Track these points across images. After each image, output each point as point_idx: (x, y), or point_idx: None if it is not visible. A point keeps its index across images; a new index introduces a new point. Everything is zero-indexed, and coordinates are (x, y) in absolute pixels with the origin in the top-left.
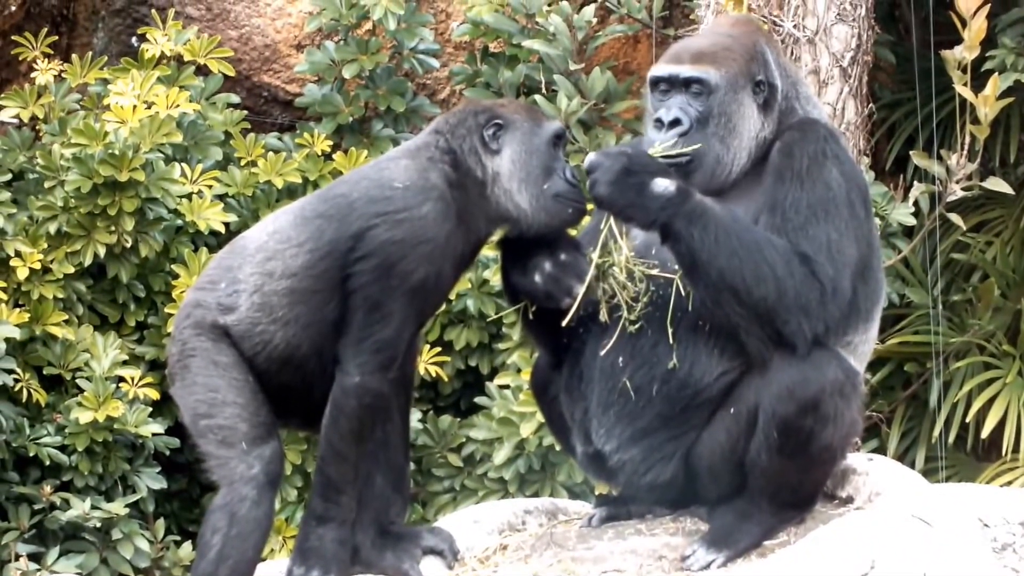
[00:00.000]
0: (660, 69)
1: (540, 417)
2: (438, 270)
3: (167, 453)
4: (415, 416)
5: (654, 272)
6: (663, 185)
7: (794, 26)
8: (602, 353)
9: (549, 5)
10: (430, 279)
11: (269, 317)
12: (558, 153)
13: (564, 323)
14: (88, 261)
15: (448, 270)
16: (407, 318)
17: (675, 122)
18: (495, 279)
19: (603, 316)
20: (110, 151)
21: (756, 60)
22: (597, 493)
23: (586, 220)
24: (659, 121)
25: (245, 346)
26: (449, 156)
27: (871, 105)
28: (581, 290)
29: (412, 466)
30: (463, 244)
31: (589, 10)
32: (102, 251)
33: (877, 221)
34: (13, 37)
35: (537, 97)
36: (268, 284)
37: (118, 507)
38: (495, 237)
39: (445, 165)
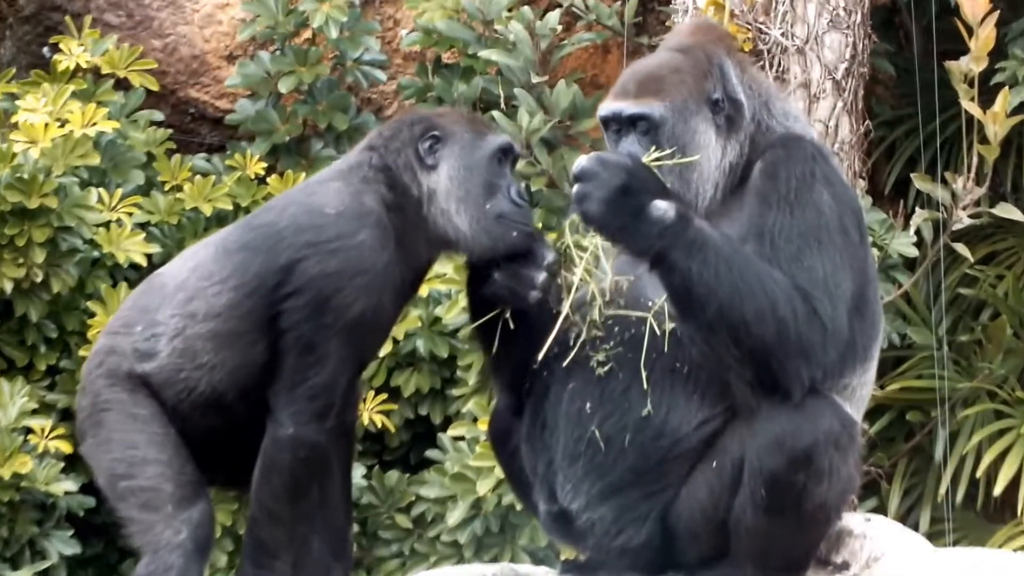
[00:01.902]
0: (605, 107)
1: (499, 472)
2: (377, 304)
3: (81, 514)
4: (358, 471)
5: (625, 311)
6: (662, 209)
7: (782, 34)
8: (567, 361)
9: (509, 11)
10: (368, 314)
11: (193, 363)
12: (503, 169)
13: (560, 319)
14: None
15: (388, 303)
16: (345, 360)
17: None
18: (448, 316)
19: (565, 307)
20: (18, 175)
21: (711, 76)
22: (563, 558)
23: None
24: None
25: (166, 395)
26: (384, 174)
27: (868, 122)
28: (541, 277)
29: (355, 528)
30: (403, 273)
31: (554, 16)
32: (9, 287)
33: (875, 252)
34: None
35: (495, 113)
36: (190, 327)
37: (26, 575)
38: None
39: (380, 185)
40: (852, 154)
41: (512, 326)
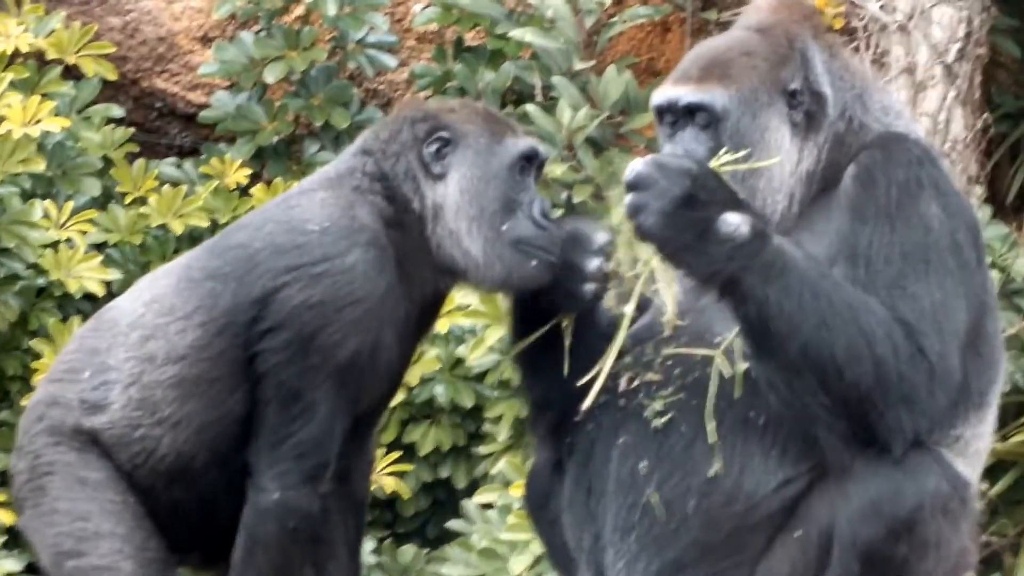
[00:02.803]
0: (661, 94)
1: (537, 546)
2: (374, 340)
3: None
4: (366, 546)
5: (687, 349)
6: (733, 224)
7: (880, 7)
8: (616, 411)
9: None
10: (363, 353)
11: (152, 417)
12: (526, 181)
13: (610, 359)
14: None
15: (389, 340)
16: (337, 409)
17: None
18: (473, 357)
19: (615, 345)
20: None
21: (790, 63)
22: None
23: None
24: None
25: (121, 457)
26: (381, 184)
27: (987, 115)
28: (595, 263)
29: None
30: (407, 305)
31: None
32: None
33: (996, 275)
34: None
35: (530, 107)
36: (148, 372)
37: None
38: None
39: (377, 196)
40: (967, 155)
41: (560, 348)
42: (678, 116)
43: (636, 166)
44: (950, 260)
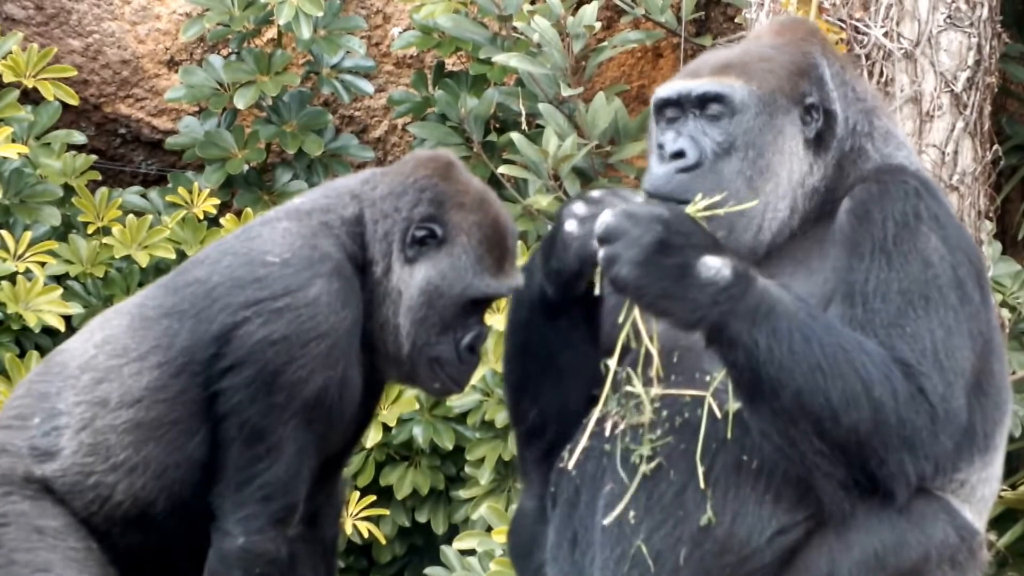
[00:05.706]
0: (666, 88)
1: None
2: (341, 376)
3: None
4: None
5: (676, 390)
6: (714, 267)
7: (885, 34)
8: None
9: (532, 3)
10: (330, 389)
11: (106, 463)
12: (475, 314)
13: (599, 407)
14: None
15: (356, 376)
16: (304, 448)
17: (678, 154)
18: (454, 397)
19: (604, 391)
20: None
21: (807, 76)
22: None
23: None
24: (661, 148)
25: (76, 505)
26: (354, 228)
27: (996, 147)
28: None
29: None
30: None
31: (590, 11)
32: None
33: (1004, 313)
34: None
35: (515, 136)
36: (101, 417)
37: None
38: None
39: (344, 236)
40: (976, 188)
41: (556, 371)
42: (684, 109)
43: (605, 217)
44: (952, 296)
